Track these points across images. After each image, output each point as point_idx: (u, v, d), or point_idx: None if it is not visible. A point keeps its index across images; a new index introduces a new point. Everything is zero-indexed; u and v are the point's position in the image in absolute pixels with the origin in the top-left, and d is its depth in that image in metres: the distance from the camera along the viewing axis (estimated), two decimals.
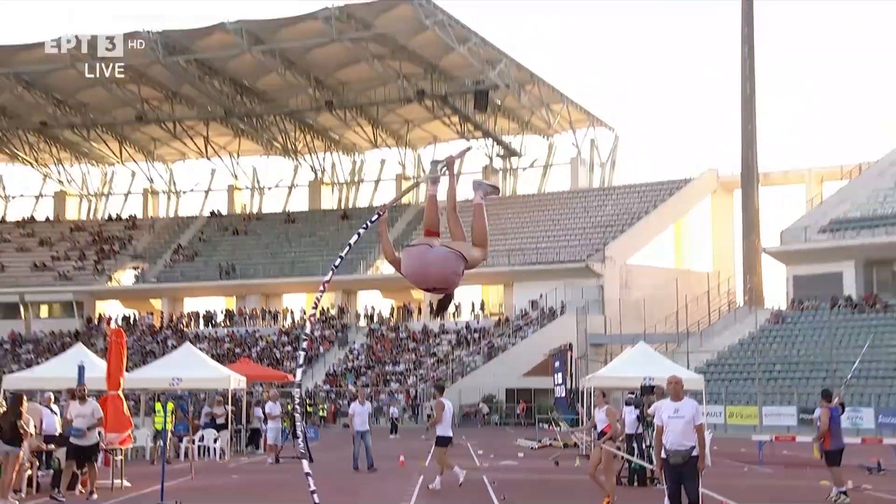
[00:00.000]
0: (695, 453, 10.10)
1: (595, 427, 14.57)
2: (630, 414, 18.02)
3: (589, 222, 55.16)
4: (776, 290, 50.56)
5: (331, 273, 6.52)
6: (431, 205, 7.01)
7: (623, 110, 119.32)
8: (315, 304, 6.83)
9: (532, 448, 27.15)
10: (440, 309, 7.36)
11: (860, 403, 33.66)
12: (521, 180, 63.23)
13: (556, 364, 37.10)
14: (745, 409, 36.46)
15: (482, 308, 54.89)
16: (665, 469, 10.20)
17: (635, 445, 17.12)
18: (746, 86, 50.62)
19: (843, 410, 17.69)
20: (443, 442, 16.27)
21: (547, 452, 24.85)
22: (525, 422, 43.64)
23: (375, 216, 6.68)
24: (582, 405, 26.88)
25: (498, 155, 62.74)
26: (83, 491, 15.50)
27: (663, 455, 10.13)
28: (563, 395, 34.82)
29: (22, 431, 15.11)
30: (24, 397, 15.83)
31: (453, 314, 54.67)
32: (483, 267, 39.81)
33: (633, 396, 20.50)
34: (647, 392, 18.40)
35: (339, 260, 6.78)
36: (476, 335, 51.39)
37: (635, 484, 16.53)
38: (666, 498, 10.22)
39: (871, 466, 19.33)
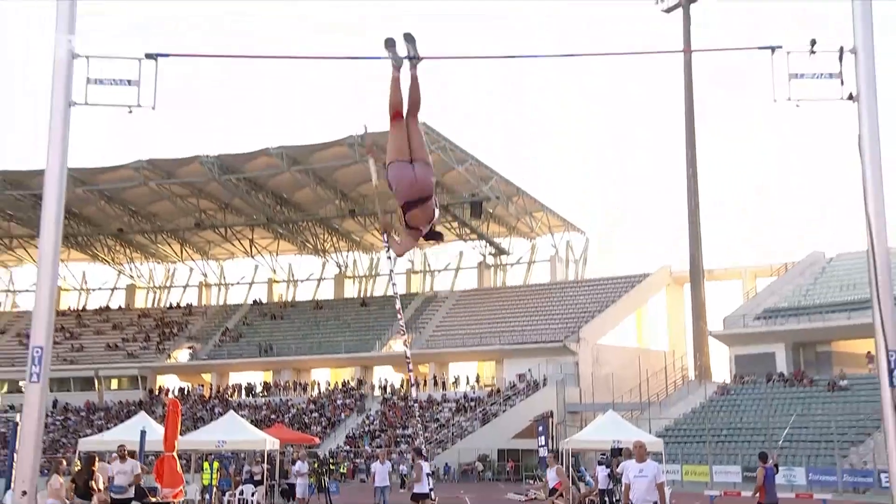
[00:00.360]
0: None
1: (547, 484, 14.29)
2: (602, 472, 17.79)
3: (566, 309, 55.11)
4: (721, 367, 50.25)
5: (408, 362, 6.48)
6: (395, 87, 6.78)
7: (593, 216, 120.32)
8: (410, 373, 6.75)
9: (520, 501, 26.68)
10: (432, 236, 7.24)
11: (793, 464, 33.12)
12: (509, 274, 63.39)
13: (540, 428, 36.58)
14: (697, 467, 35.88)
15: (477, 380, 54.41)
16: None
17: (607, 499, 16.84)
18: (692, 200, 51.14)
19: (778, 470, 17.41)
20: (418, 498, 16.06)
21: None
22: (514, 478, 42.86)
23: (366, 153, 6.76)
24: (561, 464, 26.52)
25: (490, 253, 63.00)
26: None
27: None
28: (546, 455, 34.34)
29: (93, 488, 14.89)
30: (96, 458, 15.64)
31: (453, 384, 54.29)
32: (478, 346, 39.82)
33: (605, 457, 20.22)
34: (616, 454, 18.16)
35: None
36: (472, 403, 50.85)
37: None
38: None
39: None
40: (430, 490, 16.05)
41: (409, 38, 6.47)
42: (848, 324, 40.87)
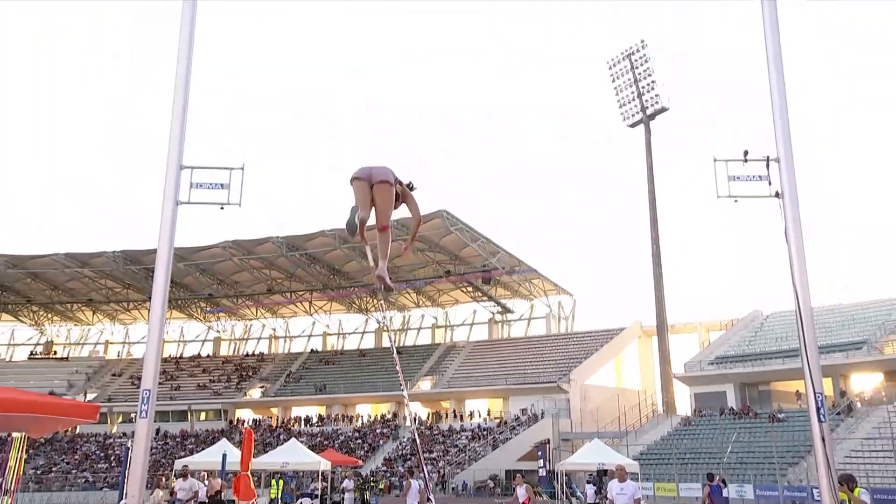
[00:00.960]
0: None
1: (518, 500, 13.79)
2: (590, 489, 17.29)
3: (558, 356, 54.36)
4: (684, 403, 49.07)
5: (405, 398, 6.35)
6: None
7: (580, 279, 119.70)
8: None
9: None
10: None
11: (743, 481, 32.09)
12: (513, 328, 62.81)
13: (539, 453, 35.91)
14: (667, 484, 34.82)
15: (489, 414, 53.47)
16: None
17: None
18: (656, 269, 50.95)
19: (726, 484, 16.88)
20: None
21: None
22: None
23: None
24: (557, 481, 25.81)
25: (498, 311, 62.68)
26: None
27: None
28: (545, 474, 33.55)
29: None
30: (187, 473, 15.38)
31: (469, 416, 53.33)
32: (488, 385, 39.21)
33: (592, 476, 19.69)
34: (602, 474, 17.68)
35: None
36: (485, 432, 49.89)
37: None
38: None
39: None
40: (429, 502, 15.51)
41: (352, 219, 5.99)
42: (783, 368, 40.16)
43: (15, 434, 14.72)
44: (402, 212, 6.79)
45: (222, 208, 7.81)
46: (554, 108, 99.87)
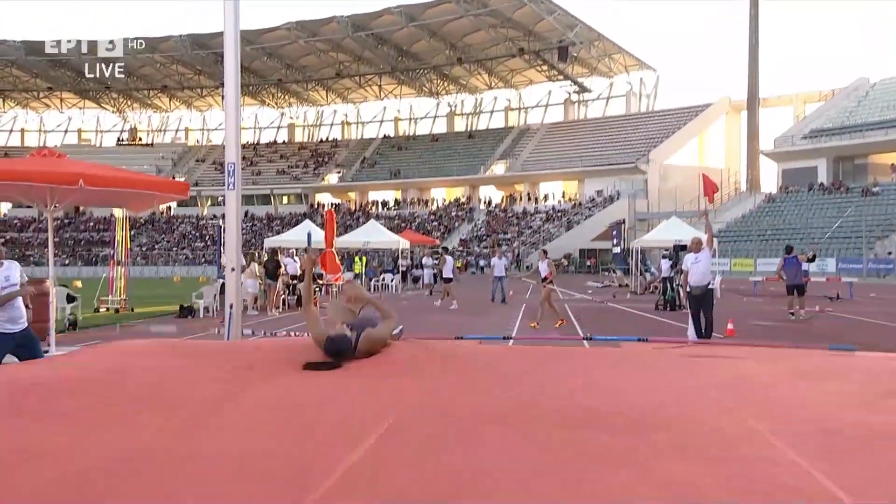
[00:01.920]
0: (710, 286, 9.91)
1: (540, 274, 13.97)
2: (665, 263, 17.68)
3: (637, 136, 52.95)
4: (769, 181, 48.00)
5: None
6: None
7: (663, 53, 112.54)
8: None
9: (597, 287, 27.08)
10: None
11: (827, 255, 32.25)
12: (590, 108, 60.84)
13: (614, 233, 36.42)
14: (744, 260, 35.37)
15: (563, 196, 54.13)
16: (689, 299, 10.07)
17: (668, 285, 16.85)
18: (752, 37, 46.96)
19: (815, 259, 16.93)
20: (448, 280, 17.89)
21: (607, 290, 24.75)
22: (593, 270, 43.51)
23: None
24: (631, 259, 26.53)
25: (574, 91, 60.36)
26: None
27: (688, 290, 10.00)
28: (619, 252, 34.38)
29: (279, 272, 16.01)
30: (278, 251, 16.72)
31: (543, 199, 54.11)
32: (563, 168, 39.15)
33: (668, 252, 20.04)
34: (679, 249, 17.94)
35: None
36: (559, 214, 50.89)
37: (669, 308, 16.37)
38: (690, 318, 10.15)
39: (832, 297, 18.60)
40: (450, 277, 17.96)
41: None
42: (885, 139, 38.43)
43: (117, 212, 15.97)
44: None
45: None
46: None
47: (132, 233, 40.65)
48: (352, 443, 1.86)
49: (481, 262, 45.86)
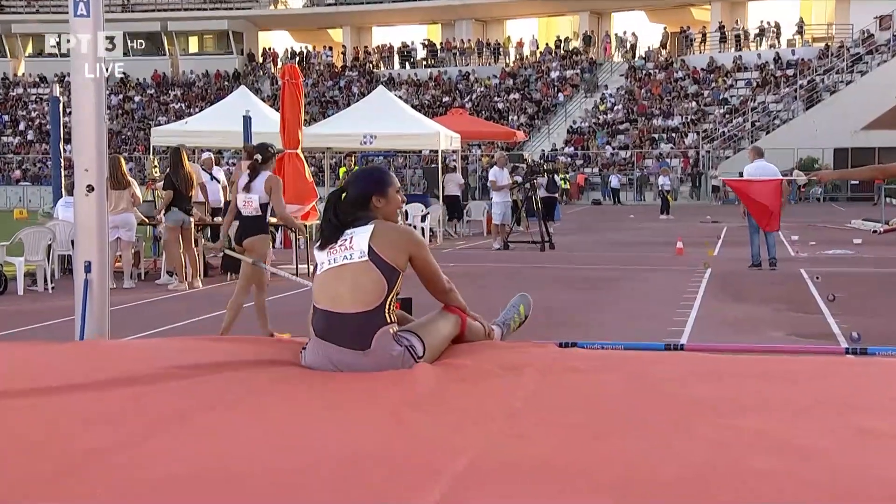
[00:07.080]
0: None
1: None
2: None
3: None
4: None
5: None
6: None
7: None
8: None
9: (875, 232, 26.68)
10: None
11: None
12: None
13: None
14: None
15: (800, 31, 52.99)
16: None
17: None
18: None
19: None
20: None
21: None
22: (864, 196, 42.81)
23: None
24: None
25: None
26: None
27: None
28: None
29: (189, 193, 15.88)
30: (184, 154, 16.46)
31: (756, 41, 53.23)
32: None
33: None
34: None
35: None
36: (790, 71, 49.91)
37: None
38: None
39: None
40: None
41: None
42: None
43: None
44: None
45: None
46: None
47: None
48: None
49: (613, 181, 45.94)
